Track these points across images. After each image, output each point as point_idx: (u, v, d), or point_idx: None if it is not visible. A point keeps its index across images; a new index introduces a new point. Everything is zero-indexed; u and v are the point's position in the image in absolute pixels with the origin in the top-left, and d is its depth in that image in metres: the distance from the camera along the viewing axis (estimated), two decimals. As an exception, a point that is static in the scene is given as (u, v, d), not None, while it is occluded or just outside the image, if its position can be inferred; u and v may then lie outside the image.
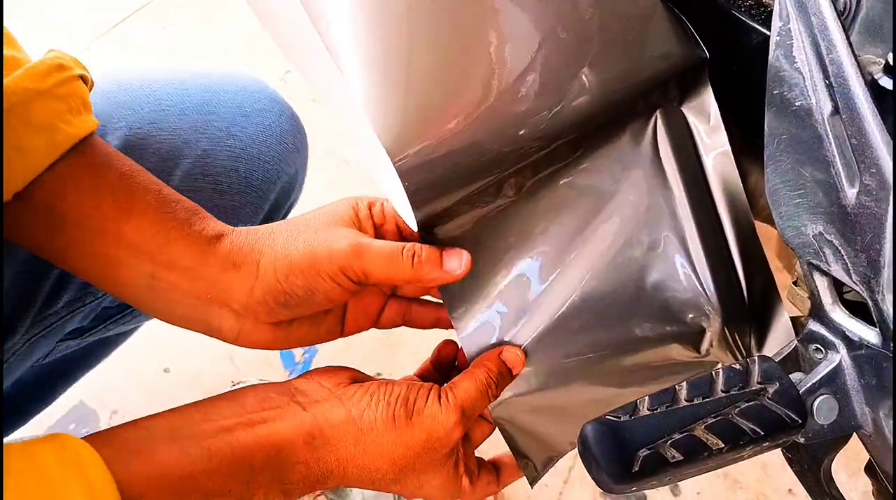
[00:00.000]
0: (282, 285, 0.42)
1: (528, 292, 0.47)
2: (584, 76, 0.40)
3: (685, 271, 0.47)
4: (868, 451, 0.39)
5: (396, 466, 0.42)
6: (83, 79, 0.45)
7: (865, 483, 0.47)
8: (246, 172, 0.59)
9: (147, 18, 1.61)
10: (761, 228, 0.49)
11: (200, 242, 0.42)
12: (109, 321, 0.62)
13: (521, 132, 0.40)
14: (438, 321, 0.51)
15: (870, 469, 0.46)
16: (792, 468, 0.44)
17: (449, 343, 0.53)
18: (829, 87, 0.32)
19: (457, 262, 0.43)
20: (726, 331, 0.48)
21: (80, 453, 0.33)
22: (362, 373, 0.46)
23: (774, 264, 0.49)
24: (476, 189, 0.43)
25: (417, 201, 0.40)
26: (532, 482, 0.50)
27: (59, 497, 0.31)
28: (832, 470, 0.43)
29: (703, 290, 0.47)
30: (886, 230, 0.31)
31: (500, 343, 0.47)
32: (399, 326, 0.51)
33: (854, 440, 0.40)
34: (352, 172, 1.30)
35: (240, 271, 0.42)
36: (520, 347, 0.46)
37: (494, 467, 0.49)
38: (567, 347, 0.47)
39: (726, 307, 0.47)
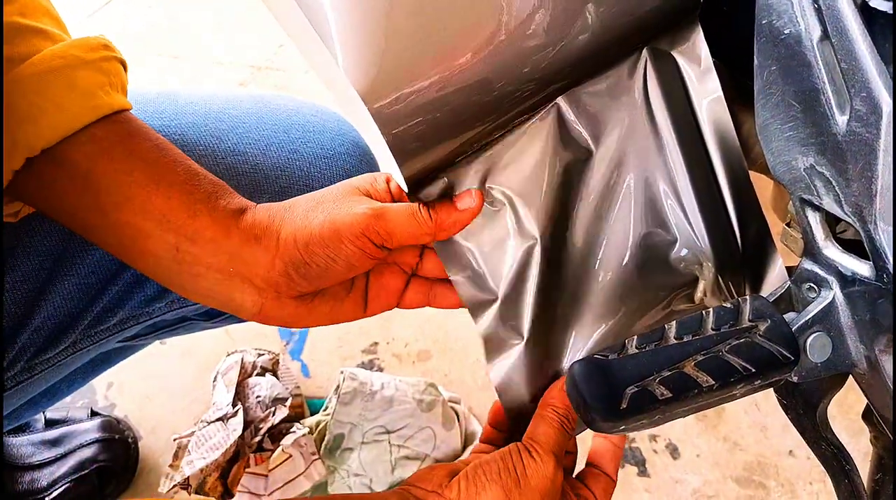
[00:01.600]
0: (302, 255, 0.43)
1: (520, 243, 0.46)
2: (587, 12, 0.39)
3: (677, 218, 0.47)
4: (863, 391, 0.39)
5: None
6: (123, 66, 0.46)
7: (866, 444, 0.46)
8: None
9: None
10: (756, 181, 0.48)
11: (224, 215, 0.43)
12: (163, 331, 0.63)
13: (525, 70, 0.39)
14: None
15: (867, 416, 0.45)
16: (787, 414, 0.44)
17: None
18: (818, 11, 0.31)
19: (469, 199, 0.45)
20: (720, 279, 0.47)
21: None
22: (449, 465, 0.47)
23: (770, 219, 0.48)
24: (461, 145, 0.42)
25: (401, 155, 0.39)
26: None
27: None
28: (834, 428, 0.42)
29: (696, 238, 0.46)
30: (878, 157, 0.30)
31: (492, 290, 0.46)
32: (423, 306, 0.51)
33: (856, 398, 0.39)
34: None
35: (260, 243, 0.43)
36: None
37: (592, 469, 0.49)
38: (557, 294, 0.46)
39: (720, 255, 0.47)
